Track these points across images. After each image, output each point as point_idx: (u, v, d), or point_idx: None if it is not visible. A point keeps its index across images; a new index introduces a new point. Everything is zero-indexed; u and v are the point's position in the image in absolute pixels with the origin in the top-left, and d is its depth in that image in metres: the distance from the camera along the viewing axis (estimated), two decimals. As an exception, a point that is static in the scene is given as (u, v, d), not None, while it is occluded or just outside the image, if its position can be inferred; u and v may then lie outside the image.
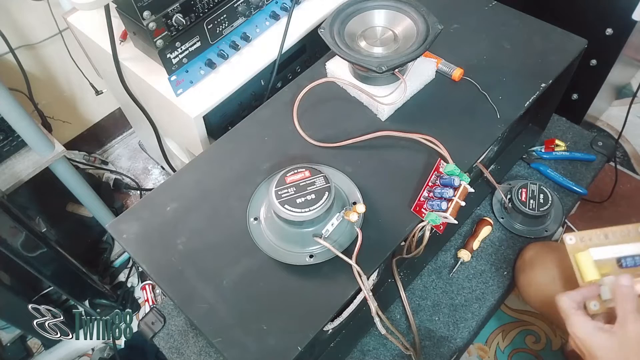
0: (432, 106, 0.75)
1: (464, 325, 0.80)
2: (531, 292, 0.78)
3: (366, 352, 0.79)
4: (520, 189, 0.87)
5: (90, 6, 0.73)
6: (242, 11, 0.87)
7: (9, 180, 1.00)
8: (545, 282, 0.75)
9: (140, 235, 0.65)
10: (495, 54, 0.80)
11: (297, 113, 0.74)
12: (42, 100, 1.28)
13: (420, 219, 0.64)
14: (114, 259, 1.37)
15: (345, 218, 0.60)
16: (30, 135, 0.98)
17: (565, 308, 0.57)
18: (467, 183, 0.64)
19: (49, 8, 1.13)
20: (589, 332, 0.54)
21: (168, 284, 0.61)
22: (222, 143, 0.75)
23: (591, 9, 1.03)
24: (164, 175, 1.55)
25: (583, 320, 0.55)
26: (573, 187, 0.92)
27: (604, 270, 0.58)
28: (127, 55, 0.90)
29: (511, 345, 1.15)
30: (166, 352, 0.83)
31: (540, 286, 0.76)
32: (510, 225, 0.89)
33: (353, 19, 0.74)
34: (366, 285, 0.58)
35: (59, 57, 1.27)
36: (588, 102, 1.21)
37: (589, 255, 0.59)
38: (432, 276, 0.85)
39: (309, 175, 0.58)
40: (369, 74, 0.73)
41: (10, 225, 0.93)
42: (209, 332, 0.57)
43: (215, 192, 0.69)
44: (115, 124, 1.58)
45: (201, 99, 0.85)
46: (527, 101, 0.74)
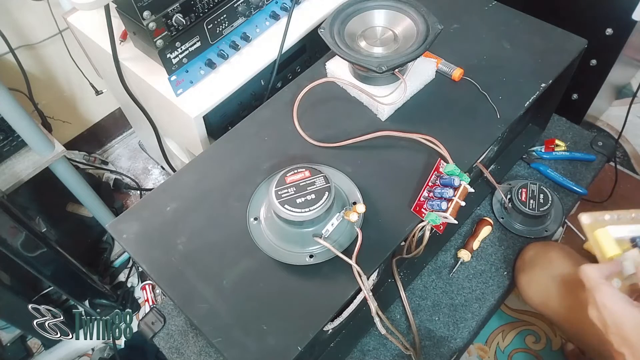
0: (432, 106, 0.75)
1: (464, 325, 0.80)
2: (531, 292, 0.78)
3: (366, 352, 0.79)
4: (520, 189, 0.87)
5: (90, 6, 0.73)
6: (242, 11, 0.87)
7: (9, 180, 1.00)
8: (545, 282, 0.75)
9: (140, 235, 0.65)
10: (495, 54, 0.80)
11: (297, 113, 0.74)
12: (42, 100, 1.28)
13: (420, 219, 0.64)
14: (114, 259, 1.37)
15: (345, 218, 0.60)
16: (30, 135, 0.98)
17: (594, 278, 0.55)
18: (467, 183, 0.64)
19: (49, 8, 1.13)
20: (621, 304, 0.52)
21: (168, 284, 0.61)
22: (222, 143, 0.75)
23: (591, 9, 1.03)
24: (164, 175, 1.55)
25: (614, 291, 0.53)
26: (573, 187, 0.92)
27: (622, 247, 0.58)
28: (127, 55, 0.90)
29: (511, 345, 1.15)
30: (166, 352, 0.83)
31: (540, 286, 0.76)
32: (510, 225, 0.89)
33: (353, 19, 0.74)
34: (366, 285, 0.58)
35: (59, 57, 1.27)
36: (588, 102, 1.21)
37: (607, 232, 0.59)
38: (432, 276, 0.85)
39: (309, 175, 0.58)
40: (369, 74, 0.73)
41: (10, 225, 0.93)
42: (209, 332, 0.57)
43: (215, 192, 0.69)
44: (115, 124, 1.58)
45: (201, 99, 0.85)
46: (527, 101, 0.74)
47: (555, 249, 0.79)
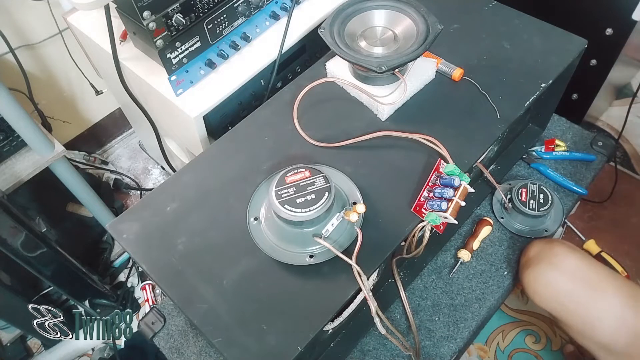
0: (432, 106, 0.75)
1: (464, 325, 0.80)
2: (538, 288, 0.77)
3: (366, 352, 0.79)
4: (520, 189, 0.87)
5: (90, 6, 0.73)
6: (242, 11, 0.87)
7: (9, 180, 1.00)
8: (552, 276, 0.75)
9: (140, 235, 0.65)
10: (495, 54, 0.80)
11: (297, 113, 0.74)
12: (42, 100, 1.28)
13: (420, 219, 0.64)
14: (114, 259, 1.38)
15: (345, 218, 0.60)
16: (30, 135, 0.98)
17: None
18: (467, 183, 0.64)
19: (49, 8, 1.13)
20: None
21: (168, 284, 0.61)
22: (222, 143, 0.75)
23: (591, 9, 1.03)
24: (164, 175, 1.55)
25: None
26: (573, 187, 0.92)
27: None
28: (127, 55, 0.90)
29: (511, 345, 1.15)
30: (166, 352, 0.83)
31: (548, 281, 0.76)
32: (510, 225, 0.89)
33: (353, 19, 0.74)
34: (366, 285, 0.58)
35: (59, 57, 1.27)
36: (588, 102, 1.21)
37: None
38: (432, 276, 0.85)
39: (309, 175, 0.58)
40: (369, 74, 0.73)
41: (10, 225, 0.93)
42: (209, 332, 0.57)
43: (215, 192, 0.69)
44: (115, 124, 1.58)
45: (201, 99, 0.85)
46: (527, 101, 0.74)
47: (559, 244, 0.79)
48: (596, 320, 0.71)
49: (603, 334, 0.71)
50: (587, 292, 0.73)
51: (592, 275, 0.74)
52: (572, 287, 0.73)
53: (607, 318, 0.70)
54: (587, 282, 0.73)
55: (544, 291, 0.76)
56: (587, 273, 0.74)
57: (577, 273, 0.74)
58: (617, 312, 0.70)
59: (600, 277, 0.74)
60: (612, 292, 0.72)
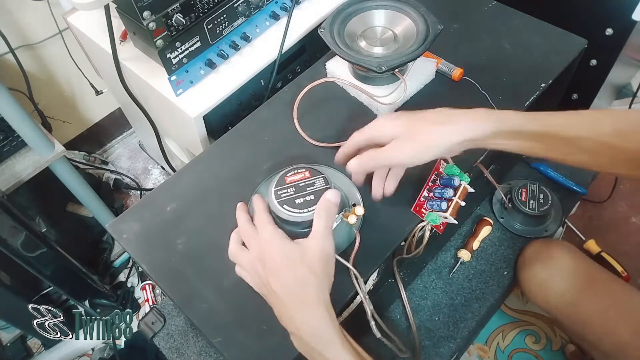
0: (432, 106, 0.75)
1: (464, 325, 0.80)
2: (532, 288, 0.78)
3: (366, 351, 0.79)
4: (520, 189, 0.87)
5: (90, 6, 0.73)
6: (242, 11, 0.87)
7: (9, 180, 1.00)
8: (545, 278, 0.75)
9: (140, 235, 0.65)
10: (495, 54, 0.80)
11: (297, 113, 0.74)
12: (42, 100, 1.28)
13: (420, 219, 0.64)
14: (114, 259, 1.37)
15: (344, 220, 0.60)
16: (30, 135, 0.98)
17: None
18: (467, 183, 0.64)
19: (49, 8, 1.13)
20: None
21: (168, 284, 0.61)
22: (222, 143, 0.75)
23: (591, 9, 1.03)
24: (164, 175, 1.55)
25: None
26: (573, 187, 0.92)
27: None
28: (127, 55, 0.90)
29: (511, 345, 1.15)
30: (166, 352, 0.83)
31: (541, 282, 0.76)
32: (510, 225, 0.89)
33: (353, 19, 0.74)
34: (362, 288, 0.58)
35: (59, 57, 1.27)
36: (588, 102, 1.21)
37: None
38: (432, 276, 0.85)
39: (309, 175, 0.58)
40: (369, 74, 0.73)
41: (10, 225, 0.93)
42: (209, 332, 0.57)
43: (215, 192, 0.69)
44: (115, 124, 1.58)
45: (201, 99, 0.85)
46: (527, 101, 0.74)
47: (556, 245, 0.79)
48: (586, 322, 0.72)
49: (593, 336, 0.71)
50: (578, 294, 0.73)
51: (587, 277, 0.74)
52: (564, 288, 0.74)
53: (595, 321, 0.70)
54: (581, 283, 0.73)
55: (538, 291, 0.77)
56: (582, 274, 0.74)
57: (571, 274, 0.74)
58: (605, 315, 0.70)
59: (595, 279, 0.74)
60: (602, 294, 0.72)
